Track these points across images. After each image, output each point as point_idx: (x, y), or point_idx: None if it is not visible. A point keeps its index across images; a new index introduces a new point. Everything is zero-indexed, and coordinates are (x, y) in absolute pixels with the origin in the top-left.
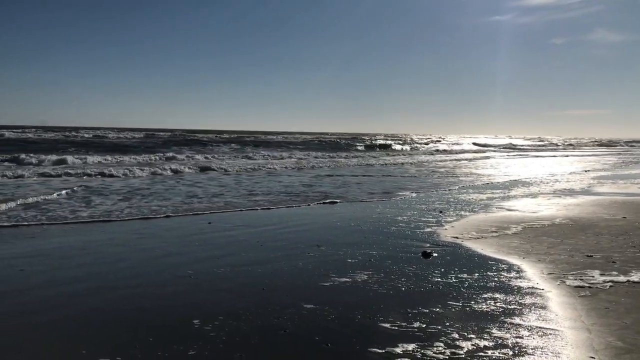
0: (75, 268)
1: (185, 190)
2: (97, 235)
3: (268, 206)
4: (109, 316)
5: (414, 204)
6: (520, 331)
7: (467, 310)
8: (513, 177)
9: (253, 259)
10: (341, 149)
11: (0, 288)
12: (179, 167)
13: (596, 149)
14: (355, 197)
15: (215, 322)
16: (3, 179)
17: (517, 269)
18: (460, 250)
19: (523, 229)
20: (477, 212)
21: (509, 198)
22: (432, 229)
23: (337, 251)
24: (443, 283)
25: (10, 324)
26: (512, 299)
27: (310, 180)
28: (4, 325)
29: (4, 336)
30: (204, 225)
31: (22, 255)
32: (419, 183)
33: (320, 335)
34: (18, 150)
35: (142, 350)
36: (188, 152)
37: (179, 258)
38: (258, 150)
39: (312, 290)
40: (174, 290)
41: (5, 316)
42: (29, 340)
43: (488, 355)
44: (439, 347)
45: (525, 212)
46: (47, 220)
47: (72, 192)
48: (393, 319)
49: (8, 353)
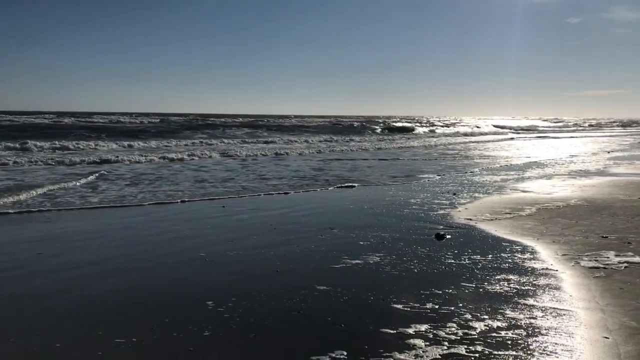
0: (92, 251)
1: (192, 175)
2: (113, 219)
3: (285, 190)
4: (126, 298)
5: (427, 187)
6: (533, 312)
7: (481, 292)
8: (529, 159)
9: (267, 241)
10: (357, 132)
11: (19, 272)
12: (193, 152)
13: (614, 130)
14: (371, 180)
15: (229, 303)
16: (18, 165)
17: (531, 250)
18: (473, 232)
19: (537, 211)
20: (491, 194)
21: (523, 179)
22: (446, 211)
23: (350, 234)
24: (456, 265)
25: (29, 307)
26: (525, 280)
27: (323, 164)
28: (23, 307)
29: (23, 318)
30: (218, 209)
31: (39, 239)
32: (433, 166)
33: (334, 316)
34: (36, 137)
35: (158, 331)
36: (201, 136)
37: (194, 241)
38: (273, 134)
39: (325, 272)
40: (188, 273)
41: (24, 299)
42: (48, 322)
43: (501, 335)
44: (451, 328)
45: (539, 194)
46: (66, 206)
47: (96, 178)
48: (406, 300)
49: (28, 335)
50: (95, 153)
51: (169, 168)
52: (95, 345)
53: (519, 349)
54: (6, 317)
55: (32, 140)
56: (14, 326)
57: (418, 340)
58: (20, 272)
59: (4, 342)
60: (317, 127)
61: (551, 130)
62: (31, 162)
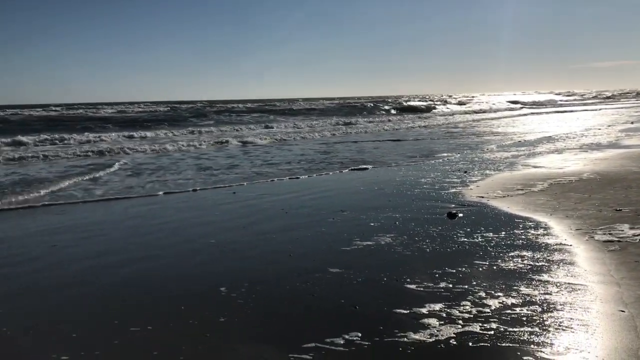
0: (105, 242)
1: (200, 163)
2: (124, 209)
3: (296, 174)
4: (140, 287)
5: (438, 165)
6: (548, 288)
7: (494, 269)
8: (540, 134)
9: (278, 226)
10: (367, 112)
11: (37, 264)
12: (196, 140)
13: (629, 101)
14: (382, 161)
15: (244, 289)
16: (37, 160)
17: (544, 226)
18: (486, 210)
19: (549, 186)
20: (502, 171)
21: (534, 155)
22: (457, 189)
23: (361, 215)
24: (469, 243)
25: (46, 298)
26: (539, 256)
27: (327, 147)
28: (41, 299)
29: (43, 309)
30: (229, 195)
31: (52, 232)
32: (443, 145)
33: (348, 299)
34: (48, 130)
35: (173, 318)
36: (207, 122)
37: (206, 228)
38: (287, 118)
39: (337, 255)
40: (202, 260)
41: (42, 290)
42: (64, 313)
43: (516, 312)
44: (465, 306)
45: (551, 169)
46: (81, 199)
47: (116, 170)
48: (420, 280)
49: (47, 325)
50: (102, 144)
51: (172, 157)
52: (112, 334)
53: (534, 325)
54: (24, 310)
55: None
56: (31, 318)
57: (432, 320)
58: (36, 265)
59: (23, 334)
60: (328, 110)
61: (566, 104)
62: (33, 156)
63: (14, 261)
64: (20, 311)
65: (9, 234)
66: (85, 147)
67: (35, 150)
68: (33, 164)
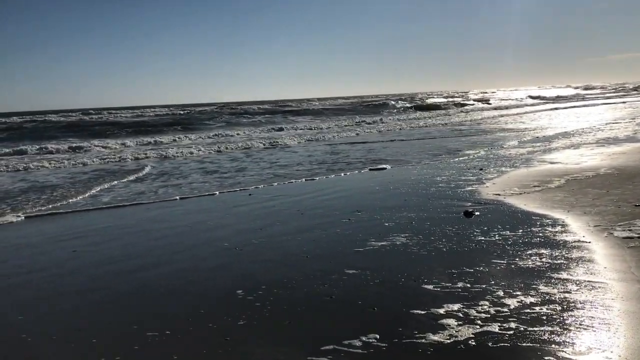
0: (124, 247)
1: (231, 166)
2: (142, 214)
3: (310, 176)
4: (160, 291)
5: (453, 163)
6: (568, 286)
7: (512, 268)
8: (557, 129)
9: (295, 227)
10: (382, 111)
11: (57, 270)
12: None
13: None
14: (398, 161)
15: (262, 292)
16: (62, 168)
17: (562, 223)
18: (502, 208)
19: (566, 182)
20: (518, 167)
21: (550, 151)
22: (473, 187)
23: (377, 215)
24: (486, 241)
25: (68, 303)
26: (558, 253)
27: (340, 148)
28: (63, 304)
29: (64, 315)
30: (244, 197)
31: (72, 237)
32: (456, 143)
33: (366, 300)
34: (69, 136)
35: (193, 322)
36: (224, 124)
37: (223, 231)
38: (311, 118)
39: (354, 256)
40: (220, 263)
41: (63, 295)
42: (86, 318)
43: (535, 311)
44: (484, 306)
45: (568, 164)
46: (102, 205)
47: (146, 173)
48: (437, 280)
49: (68, 330)
50: (127, 150)
51: (177, 161)
52: (132, 340)
53: (555, 324)
54: (46, 315)
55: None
56: (53, 324)
57: (451, 320)
58: (57, 270)
59: (44, 340)
60: (348, 109)
61: (590, 97)
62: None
63: (36, 267)
64: (42, 317)
65: (31, 240)
66: (106, 152)
67: (60, 157)
68: (54, 171)
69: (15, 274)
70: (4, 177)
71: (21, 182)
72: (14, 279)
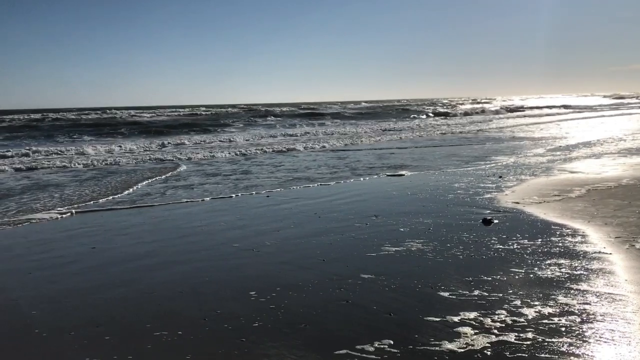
0: (142, 245)
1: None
2: (160, 214)
3: (325, 180)
4: (175, 290)
5: (472, 171)
6: (587, 297)
7: (531, 277)
8: (580, 138)
9: (312, 230)
10: (404, 116)
11: (77, 266)
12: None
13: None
14: (416, 167)
15: (277, 294)
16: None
17: (582, 233)
18: (521, 216)
19: (587, 192)
20: (538, 176)
21: (571, 160)
22: (492, 194)
23: (394, 221)
24: (505, 250)
25: (85, 300)
26: (577, 264)
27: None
28: (80, 301)
29: (84, 310)
30: (262, 199)
31: (92, 234)
32: (470, 153)
33: (382, 305)
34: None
35: (209, 323)
36: (234, 128)
37: (241, 232)
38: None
39: (371, 260)
40: (237, 264)
41: (83, 292)
42: (102, 315)
43: (554, 322)
44: (500, 315)
45: (589, 174)
46: (128, 205)
47: (183, 170)
48: (455, 287)
49: (88, 326)
50: (167, 150)
51: (213, 161)
52: (145, 338)
53: (573, 336)
54: (63, 311)
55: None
56: (71, 320)
57: (467, 329)
58: (76, 267)
59: (64, 335)
60: (371, 113)
61: (630, 106)
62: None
63: (56, 263)
64: (60, 313)
65: (52, 236)
66: (118, 152)
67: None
68: (81, 170)
69: (42, 267)
70: (48, 174)
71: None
72: (35, 274)
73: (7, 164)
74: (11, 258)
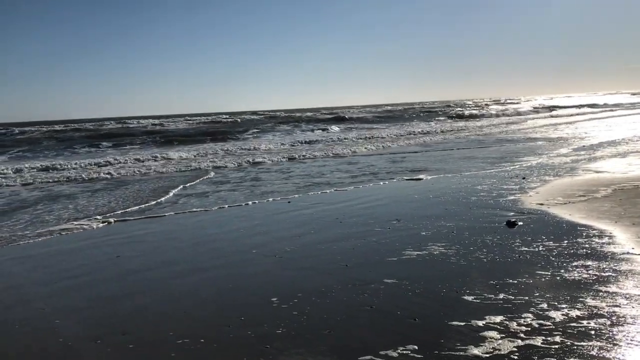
0: (166, 252)
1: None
2: (183, 221)
3: (345, 184)
4: (199, 298)
5: (494, 172)
6: (617, 299)
7: (557, 280)
8: (602, 138)
9: (334, 235)
10: (425, 118)
11: (101, 274)
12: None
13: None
14: (437, 170)
15: (301, 300)
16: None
17: (609, 234)
18: (546, 218)
19: (613, 192)
20: (562, 176)
21: (596, 159)
22: (516, 196)
23: (416, 224)
24: (530, 252)
25: (110, 308)
26: (605, 266)
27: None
28: (109, 308)
29: (110, 318)
30: (283, 204)
31: (117, 243)
32: (490, 154)
33: (407, 310)
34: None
35: (233, 329)
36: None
37: (263, 238)
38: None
39: (394, 265)
40: (259, 270)
41: (109, 300)
42: (126, 323)
43: (583, 325)
44: (527, 319)
45: (614, 173)
46: (145, 215)
47: (210, 177)
48: (480, 291)
49: (114, 335)
50: (199, 160)
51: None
52: (170, 346)
53: (603, 339)
54: (90, 320)
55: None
56: (97, 328)
57: (493, 333)
58: (101, 275)
59: (90, 343)
60: (395, 117)
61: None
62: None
63: (81, 272)
64: (86, 321)
65: (77, 245)
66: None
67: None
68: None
69: (69, 277)
70: (73, 186)
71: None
72: (61, 283)
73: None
74: (38, 267)
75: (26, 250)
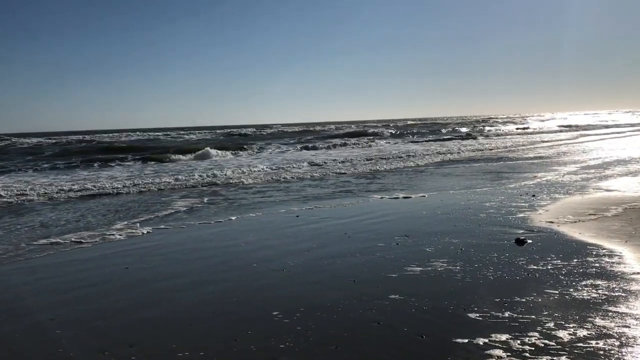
0: (174, 265)
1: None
2: (192, 233)
3: (352, 198)
4: (206, 310)
5: (504, 190)
6: (626, 320)
7: (566, 299)
8: (612, 157)
9: (341, 250)
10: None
11: (109, 285)
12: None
13: None
14: (441, 188)
15: (308, 314)
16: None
17: (619, 253)
18: (556, 236)
19: (624, 211)
20: (572, 194)
21: (606, 178)
22: (525, 214)
23: (425, 240)
24: (538, 271)
25: (117, 320)
26: (615, 285)
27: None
28: (117, 320)
29: (117, 330)
30: (292, 218)
31: (124, 255)
32: (494, 172)
33: (414, 327)
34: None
35: (240, 343)
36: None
37: (271, 252)
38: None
39: (401, 281)
40: (267, 284)
41: (116, 311)
42: (133, 336)
43: (591, 345)
44: (532, 338)
45: (625, 192)
46: (162, 225)
47: (200, 202)
48: (487, 308)
49: (121, 347)
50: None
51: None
52: (179, 358)
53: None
54: (97, 331)
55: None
56: (104, 340)
57: (498, 351)
58: (109, 286)
59: (97, 355)
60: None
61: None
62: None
63: (89, 283)
64: (93, 333)
65: (86, 256)
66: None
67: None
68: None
69: (78, 288)
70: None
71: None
72: (70, 293)
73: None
74: (46, 278)
75: (34, 261)
